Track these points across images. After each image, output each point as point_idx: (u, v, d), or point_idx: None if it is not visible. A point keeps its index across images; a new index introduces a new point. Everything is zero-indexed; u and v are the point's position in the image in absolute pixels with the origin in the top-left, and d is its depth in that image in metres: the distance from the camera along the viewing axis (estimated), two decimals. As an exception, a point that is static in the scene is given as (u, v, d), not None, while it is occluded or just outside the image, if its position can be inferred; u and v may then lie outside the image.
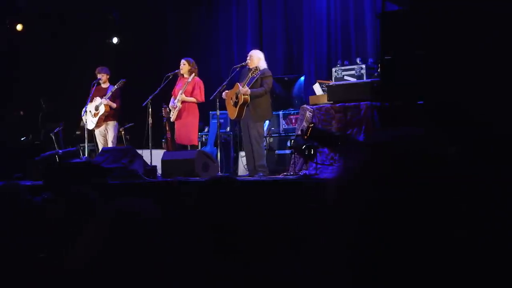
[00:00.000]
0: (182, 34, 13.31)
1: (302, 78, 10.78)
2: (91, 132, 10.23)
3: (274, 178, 7.51)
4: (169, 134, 9.92)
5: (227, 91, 8.86)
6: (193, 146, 9.47)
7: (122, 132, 11.21)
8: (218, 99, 8.99)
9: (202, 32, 13.07)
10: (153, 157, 9.12)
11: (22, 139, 11.88)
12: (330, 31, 11.46)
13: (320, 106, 7.81)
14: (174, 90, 9.55)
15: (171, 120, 9.51)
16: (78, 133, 11.89)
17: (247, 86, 8.47)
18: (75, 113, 10.78)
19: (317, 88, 8.69)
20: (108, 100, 10.01)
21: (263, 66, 8.72)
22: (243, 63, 8.93)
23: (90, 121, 10.10)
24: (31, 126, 12.16)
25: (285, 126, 10.11)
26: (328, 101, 7.78)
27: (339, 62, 9.12)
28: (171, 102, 9.51)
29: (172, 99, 9.53)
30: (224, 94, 8.88)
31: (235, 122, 9.68)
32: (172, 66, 10.05)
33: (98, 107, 10.05)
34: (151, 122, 9.51)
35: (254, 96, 8.48)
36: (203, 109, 9.97)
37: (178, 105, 9.33)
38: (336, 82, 8.13)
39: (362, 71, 8.46)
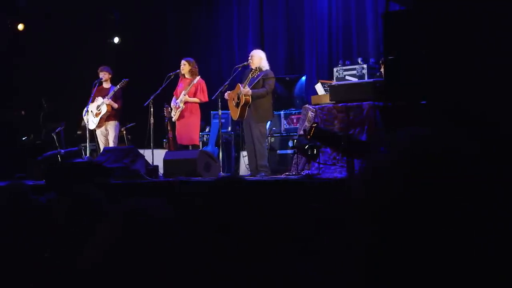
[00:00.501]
0: (182, 34, 13.31)
1: (304, 78, 10.78)
2: (93, 132, 10.21)
3: (276, 178, 7.51)
4: (170, 134, 9.91)
5: (229, 92, 8.84)
6: (194, 146, 9.45)
7: (124, 132, 11.20)
8: (220, 99, 8.98)
9: (202, 32, 13.07)
10: (154, 157, 9.11)
11: (23, 139, 11.87)
12: (331, 31, 11.46)
13: (322, 106, 7.80)
14: (176, 90, 9.52)
15: (173, 120, 9.49)
16: (79, 133, 11.88)
17: (248, 87, 8.46)
18: (76, 113, 10.77)
19: (319, 88, 8.68)
20: (110, 100, 9.99)
21: (265, 66, 8.71)
22: (245, 63, 8.92)
23: (92, 121, 10.08)
24: (32, 126, 12.15)
25: (286, 126, 10.10)
26: (330, 101, 7.77)
27: (341, 62, 9.13)
28: (173, 102, 9.49)
29: (173, 99, 9.51)
30: (226, 95, 8.87)
31: (237, 122, 9.68)
32: (172, 66, 10.04)
33: (100, 107, 10.02)
34: (153, 122, 9.49)
35: (255, 96, 8.47)
36: (205, 108, 9.96)
37: (181, 105, 9.31)
38: (338, 82, 8.12)
39: (364, 71, 8.46)
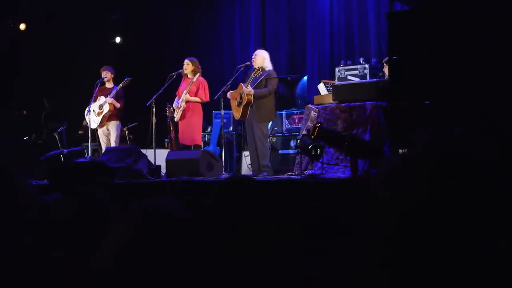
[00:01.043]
0: (184, 34, 13.31)
1: (305, 78, 10.77)
2: (94, 131, 10.21)
3: (279, 177, 7.50)
4: (173, 134, 9.91)
5: (232, 92, 8.83)
6: (196, 146, 9.45)
7: (126, 131, 11.20)
8: (222, 99, 8.98)
9: (204, 31, 13.07)
10: (156, 156, 9.11)
11: (25, 139, 11.87)
12: (333, 31, 11.47)
13: (325, 105, 7.80)
14: (179, 90, 9.51)
15: (175, 120, 9.49)
16: (80, 132, 11.88)
17: (251, 87, 8.46)
18: (78, 112, 10.77)
19: (321, 88, 8.68)
20: (112, 99, 9.98)
21: (268, 66, 8.68)
22: (248, 63, 8.91)
23: (93, 120, 10.07)
24: (34, 126, 12.15)
25: (288, 126, 10.09)
26: (333, 100, 7.77)
27: (342, 62, 9.13)
28: (175, 102, 9.48)
29: (176, 99, 9.49)
30: (228, 95, 8.86)
31: (239, 121, 9.67)
32: (174, 65, 10.02)
33: (102, 106, 10.01)
34: (155, 121, 9.49)
35: (258, 96, 8.46)
36: (207, 108, 9.96)
37: (183, 105, 9.30)
38: (341, 82, 8.12)
39: (366, 71, 8.46)
